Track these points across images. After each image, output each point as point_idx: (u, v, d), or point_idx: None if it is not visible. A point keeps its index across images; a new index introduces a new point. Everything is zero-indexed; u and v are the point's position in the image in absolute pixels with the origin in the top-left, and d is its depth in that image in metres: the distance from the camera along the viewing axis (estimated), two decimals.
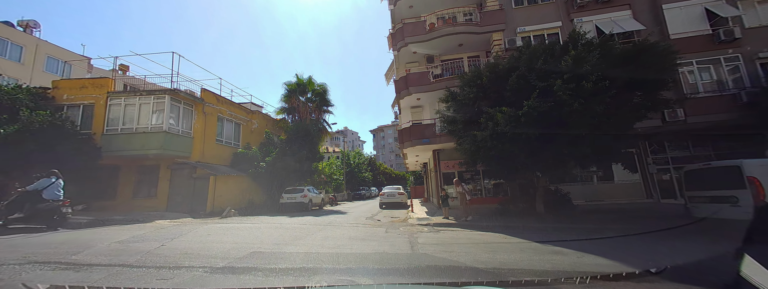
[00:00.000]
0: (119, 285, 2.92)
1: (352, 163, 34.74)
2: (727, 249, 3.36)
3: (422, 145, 12.92)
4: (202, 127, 13.34)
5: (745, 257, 1.82)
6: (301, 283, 2.97)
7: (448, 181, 14.07)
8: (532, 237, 5.69)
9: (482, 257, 4.19)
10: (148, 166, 12.78)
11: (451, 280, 3.11)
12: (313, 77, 20.06)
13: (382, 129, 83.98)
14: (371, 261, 3.99)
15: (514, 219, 8.72)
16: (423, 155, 16.43)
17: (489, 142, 7.67)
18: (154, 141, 11.51)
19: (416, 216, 9.95)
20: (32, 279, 3.02)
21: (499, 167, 9.10)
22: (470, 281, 3.21)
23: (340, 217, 10.91)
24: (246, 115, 16.92)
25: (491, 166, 9.47)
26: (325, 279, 3.16)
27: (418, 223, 8.05)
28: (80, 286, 2.79)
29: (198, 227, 7.34)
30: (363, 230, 7.00)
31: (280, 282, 3.02)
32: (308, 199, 14.68)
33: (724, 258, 3.49)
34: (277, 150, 15.48)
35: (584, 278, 2.97)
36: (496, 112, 7.40)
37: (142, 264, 3.69)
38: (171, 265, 3.66)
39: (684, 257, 4.02)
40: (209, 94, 14.04)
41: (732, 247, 2.87)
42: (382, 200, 15.36)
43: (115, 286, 2.89)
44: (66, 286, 2.67)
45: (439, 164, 14.09)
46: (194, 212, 11.88)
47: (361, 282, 3.12)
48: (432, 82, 12.88)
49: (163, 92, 11.94)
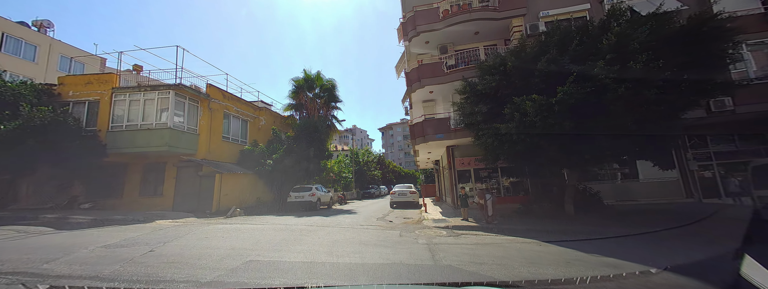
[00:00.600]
0: (120, 285, 2.96)
1: (361, 161, 34.18)
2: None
3: (436, 141, 12.13)
4: (207, 124, 12.97)
5: (746, 257, 1.79)
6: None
7: (464, 179, 13.24)
8: (572, 244, 4.86)
9: (522, 271, 3.43)
10: (155, 163, 12.51)
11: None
12: (322, 72, 19.53)
13: (391, 127, 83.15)
14: (387, 275, 3.31)
15: (542, 221, 7.86)
16: (436, 152, 15.62)
17: (515, 135, 6.83)
18: (159, 138, 11.17)
19: (431, 217, 9.21)
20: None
21: (525, 164, 8.26)
22: (470, 281, 3.12)
23: (349, 217, 10.28)
24: (253, 112, 16.52)
25: (515, 162, 8.63)
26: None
27: (436, 225, 7.31)
28: (80, 286, 2.84)
29: (198, 229, 6.85)
30: (375, 234, 6.32)
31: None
32: (316, 198, 14.15)
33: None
34: (284, 147, 15.00)
35: (584, 279, 2.98)
36: (523, 101, 6.55)
37: (116, 277, 3.13)
38: (149, 278, 3.08)
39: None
40: (215, 90, 13.66)
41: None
42: (393, 199, 14.67)
43: (115, 286, 2.93)
44: (66, 286, 2.74)
45: (454, 161, 13.26)
46: (200, 211, 11.52)
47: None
48: (446, 73, 12.03)
49: (167, 88, 11.58)
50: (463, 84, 9.21)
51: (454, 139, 12.01)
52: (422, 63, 12.58)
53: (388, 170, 45.49)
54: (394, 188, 15.45)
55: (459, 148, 13.33)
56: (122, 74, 12.50)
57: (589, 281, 2.99)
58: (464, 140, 12.17)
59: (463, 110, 9.36)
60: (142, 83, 12.10)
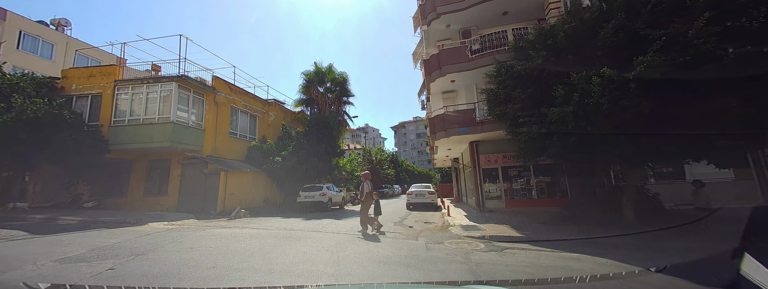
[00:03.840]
0: (120, 284, 2.90)
1: (374, 159, 33.10)
2: None
3: (459, 135, 10.79)
4: (213, 119, 12.23)
5: (746, 255, 1.81)
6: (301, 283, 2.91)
7: (491, 178, 11.82)
8: (677, 271, 3.46)
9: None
10: (159, 161, 11.91)
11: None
12: (334, 65, 18.57)
13: (404, 125, 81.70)
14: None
15: (597, 229, 6.39)
16: (456, 149, 14.24)
17: (571, 122, 5.44)
18: (161, 133, 10.49)
19: (458, 222, 7.92)
20: None
21: (576, 159, 6.81)
22: (470, 281, 3.17)
23: None
24: (262, 107, 15.74)
25: (563, 158, 7.15)
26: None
27: (467, 234, 6.04)
28: (81, 285, 2.78)
29: (189, 235, 5.92)
30: (394, 245, 5.14)
31: None
32: (328, 198, 13.15)
33: None
34: (294, 144, 14.09)
35: (584, 277, 3.01)
36: (583, 79, 5.17)
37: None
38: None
39: None
40: (221, 83, 12.92)
41: None
42: (409, 199, 13.45)
43: (116, 285, 2.86)
44: (67, 285, 2.71)
45: (479, 158, 11.86)
46: (204, 212, 10.76)
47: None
48: (470, 58, 10.65)
49: (169, 79, 10.89)
50: (496, 66, 7.85)
51: (480, 134, 10.63)
52: (443, 48, 11.26)
53: (401, 169, 44.20)
54: (411, 188, 14.21)
55: (484, 144, 11.92)
56: (127, 67, 11.95)
57: (588, 280, 3.01)
58: (492, 135, 10.77)
59: (495, 98, 8.00)
60: (146, 76, 11.48)
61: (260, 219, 9.29)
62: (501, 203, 11.46)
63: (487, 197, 11.66)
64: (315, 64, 18.26)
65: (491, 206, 11.48)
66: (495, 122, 9.93)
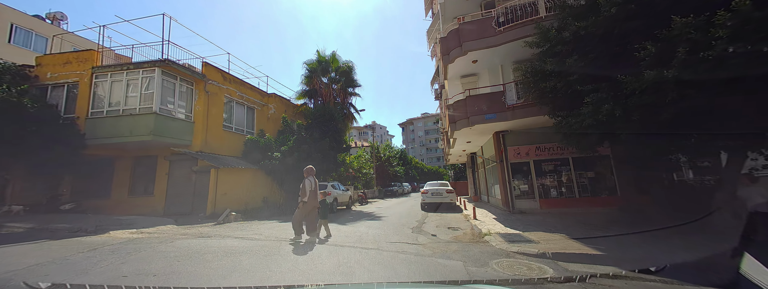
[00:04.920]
0: (120, 284, 2.88)
1: (382, 156, 31.60)
2: None
3: (484, 123, 9.14)
4: (204, 110, 10.92)
5: (745, 255, 1.86)
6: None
7: (520, 174, 10.15)
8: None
9: None
10: (145, 158, 10.69)
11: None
12: (338, 53, 17.07)
13: (412, 122, 79.94)
14: None
15: (695, 241, 4.68)
16: (477, 141, 12.57)
17: (672, 89, 3.78)
18: (143, 125, 9.23)
19: (493, 229, 6.34)
20: None
21: (662, 146, 5.11)
22: (470, 280, 3.14)
23: (373, 226, 7.65)
24: (261, 99, 14.40)
25: (640, 143, 5.41)
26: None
27: (516, 249, 4.43)
28: (81, 284, 2.75)
29: (147, 249, 4.54)
30: (421, 269, 3.62)
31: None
32: (332, 197, 11.73)
33: None
34: (295, 138, 12.70)
35: (584, 277, 3.01)
36: (703, 23, 3.50)
37: None
38: None
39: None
40: (213, 70, 11.59)
41: None
42: (425, 199, 11.89)
43: (116, 285, 2.83)
44: (67, 285, 2.72)
45: (506, 150, 10.19)
46: (192, 215, 9.49)
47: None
48: (498, 31, 8.96)
49: (151, 65, 9.60)
50: (540, 31, 6.19)
51: (510, 122, 8.95)
52: (464, 21, 9.58)
53: (410, 166, 42.59)
54: (426, 186, 12.65)
55: (513, 134, 10.24)
56: (107, 52, 10.73)
57: (588, 279, 2.97)
58: (524, 122, 9.08)
59: (538, 72, 6.35)
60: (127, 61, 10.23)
61: (253, 224, 7.91)
62: (534, 202, 9.78)
63: (517, 196, 10.00)
64: (317, 52, 16.80)
65: (522, 206, 9.82)
66: (531, 106, 8.26)
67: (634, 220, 6.72)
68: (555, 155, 9.85)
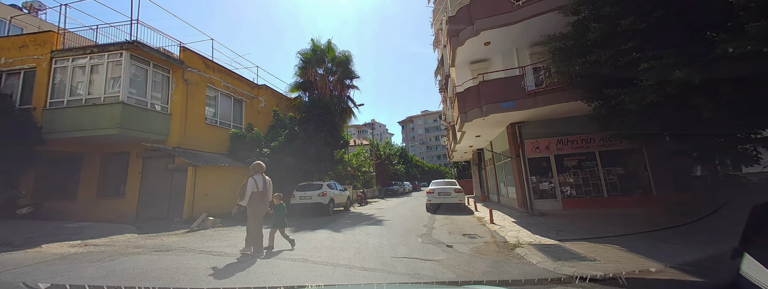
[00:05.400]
0: (120, 284, 2.90)
1: (382, 154, 30.40)
2: None
3: (500, 112, 7.96)
4: (182, 101, 9.71)
5: (745, 255, 1.77)
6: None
7: (539, 171, 8.98)
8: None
9: None
10: (116, 154, 9.48)
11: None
12: (334, 42, 15.85)
13: (411, 120, 78.73)
14: None
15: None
16: (487, 134, 11.39)
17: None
18: (108, 116, 8.02)
19: (522, 238, 5.18)
20: None
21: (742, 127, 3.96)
22: (470, 281, 3.13)
23: (374, 232, 6.47)
24: (250, 91, 13.18)
25: (729, 126, 4.21)
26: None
27: (570, 270, 3.25)
28: (81, 285, 2.78)
29: (71, 272, 3.41)
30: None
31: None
32: (328, 198, 10.55)
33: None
34: (286, 132, 11.49)
35: (584, 278, 2.91)
36: None
37: None
38: None
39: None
40: (193, 56, 10.36)
41: None
42: (430, 199, 10.72)
43: (116, 285, 2.88)
44: (67, 285, 2.72)
45: (523, 144, 9.02)
46: (167, 220, 8.31)
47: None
48: (516, 6, 7.77)
49: (118, 47, 8.38)
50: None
51: (530, 110, 7.76)
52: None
53: (411, 164, 41.41)
54: (431, 184, 11.47)
55: (531, 125, 9.07)
56: (71, 37, 9.48)
57: (588, 279, 2.87)
58: (546, 111, 7.91)
59: (577, 43, 5.17)
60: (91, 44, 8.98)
61: (232, 231, 6.73)
62: (556, 203, 8.62)
63: (536, 196, 8.84)
64: (312, 41, 15.56)
65: (543, 207, 8.67)
66: (557, 91, 7.09)
67: (694, 225, 5.55)
68: (579, 149, 8.69)
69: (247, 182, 4.52)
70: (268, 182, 4.75)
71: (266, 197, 4.66)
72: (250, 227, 4.41)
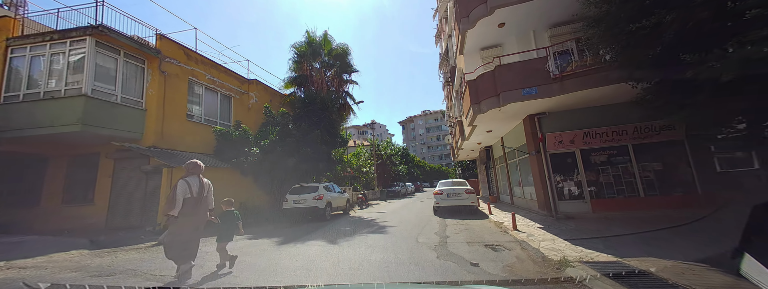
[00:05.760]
0: (120, 284, 2.99)
1: (383, 154, 29.31)
2: None
3: (520, 101, 6.89)
4: (160, 95, 8.66)
5: (745, 255, 1.81)
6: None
7: (563, 168, 7.91)
8: None
9: None
10: (84, 156, 8.44)
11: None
12: (330, 34, 14.84)
13: (412, 120, 77.72)
14: None
15: None
16: (501, 128, 10.32)
17: None
18: (69, 111, 6.97)
19: (566, 252, 4.12)
20: None
21: None
22: (470, 281, 3.10)
23: (377, 244, 5.39)
24: (239, 86, 12.14)
25: None
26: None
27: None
28: (81, 285, 2.83)
29: None
30: None
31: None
32: (325, 202, 9.48)
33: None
34: (278, 129, 10.43)
35: (584, 277, 2.86)
36: None
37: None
38: None
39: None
40: (172, 46, 9.33)
41: None
42: (439, 201, 9.63)
43: (116, 285, 2.98)
44: (67, 285, 2.77)
45: (545, 138, 7.94)
46: (139, 229, 7.23)
47: None
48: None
49: (82, 33, 7.34)
50: None
51: (555, 97, 6.69)
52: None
53: (412, 164, 40.31)
54: (439, 185, 10.39)
55: (552, 117, 8.01)
56: (31, 24, 8.44)
57: (588, 279, 2.80)
58: (570, 99, 6.87)
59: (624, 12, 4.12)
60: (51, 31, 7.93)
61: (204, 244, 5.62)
62: (583, 204, 7.55)
63: (560, 196, 7.77)
64: (307, 33, 14.57)
65: (568, 209, 7.60)
66: (590, 74, 6.04)
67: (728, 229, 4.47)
68: (609, 142, 7.62)
69: (176, 186, 3.51)
70: (206, 186, 3.77)
71: (202, 203, 3.67)
72: (173, 243, 3.38)
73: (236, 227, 4.03)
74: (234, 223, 4.00)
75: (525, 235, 5.52)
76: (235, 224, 4.00)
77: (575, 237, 4.98)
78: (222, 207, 4.09)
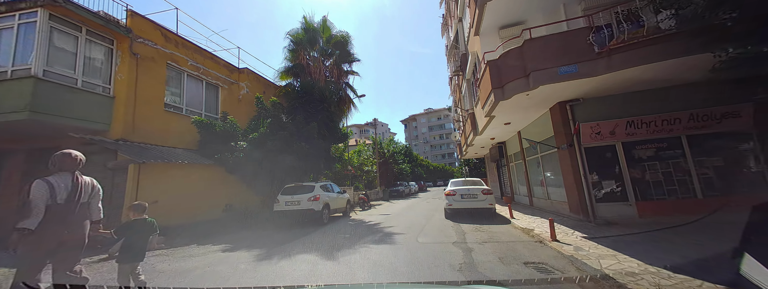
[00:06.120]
0: (120, 284, 2.75)
1: (386, 152, 28.13)
2: None
3: (556, 82, 5.66)
4: (131, 81, 7.53)
5: (745, 255, 1.76)
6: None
7: (602, 163, 6.68)
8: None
9: None
10: (43, 150, 7.29)
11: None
12: (330, 20, 13.65)
13: (415, 118, 76.42)
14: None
15: None
16: (520, 120, 9.10)
17: None
18: (15, 95, 5.86)
19: (663, 283, 2.88)
20: None
21: None
22: (470, 281, 3.09)
23: (383, 262, 4.21)
24: (228, 74, 10.98)
25: None
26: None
27: None
28: (81, 285, 2.51)
29: None
30: None
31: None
32: (322, 203, 8.32)
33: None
34: (269, 122, 9.27)
35: (584, 278, 2.88)
36: None
37: None
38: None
39: None
40: (145, 25, 8.18)
41: None
42: (452, 203, 8.42)
43: (115, 286, 2.80)
44: (67, 285, 2.40)
45: (580, 129, 6.71)
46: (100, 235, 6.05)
47: None
48: None
49: (32, 4, 6.20)
50: None
51: (600, 77, 5.47)
52: None
53: (416, 163, 39.09)
54: (450, 185, 9.19)
55: (587, 104, 6.79)
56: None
57: (588, 279, 2.85)
58: (613, 81, 5.66)
59: None
60: None
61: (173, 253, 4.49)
62: (627, 207, 6.34)
63: (599, 198, 6.55)
64: (304, 19, 13.37)
65: (608, 213, 6.39)
66: (647, 45, 4.81)
67: None
68: (658, 133, 6.39)
69: (30, 188, 2.34)
70: (85, 187, 2.59)
71: (77, 213, 2.49)
72: (20, 262, 2.28)
73: (148, 241, 2.85)
74: (146, 236, 2.82)
75: (571, 248, 4.33)
76: (146, 238, 2.82)
77: (644, 253, 3.77)
78: (129, 214, 2.91)
